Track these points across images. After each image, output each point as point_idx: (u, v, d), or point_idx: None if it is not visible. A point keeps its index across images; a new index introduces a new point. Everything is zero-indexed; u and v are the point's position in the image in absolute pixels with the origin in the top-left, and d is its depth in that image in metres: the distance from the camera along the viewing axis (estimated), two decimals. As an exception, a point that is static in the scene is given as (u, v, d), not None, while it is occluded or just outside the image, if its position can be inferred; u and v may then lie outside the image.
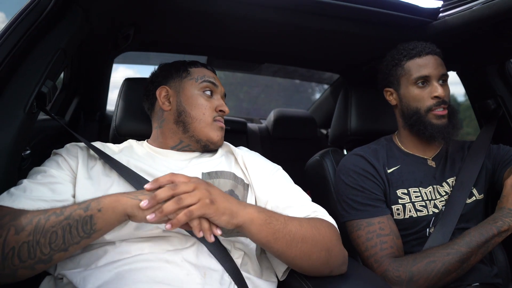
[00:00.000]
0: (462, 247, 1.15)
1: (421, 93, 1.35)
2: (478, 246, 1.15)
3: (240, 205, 0.87)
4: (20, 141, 1.05)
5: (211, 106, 1.18)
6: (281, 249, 0.90)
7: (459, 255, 1.14)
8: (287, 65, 2.60)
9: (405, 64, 1.38)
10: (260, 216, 0.87)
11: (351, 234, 1.30)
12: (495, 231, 1.16)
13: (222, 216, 0.82)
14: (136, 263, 0.85)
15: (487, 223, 1.19)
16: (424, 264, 1.15)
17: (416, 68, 1.35)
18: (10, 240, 0.77)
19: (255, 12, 1.48)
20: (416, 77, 1.35)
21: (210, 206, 0.80)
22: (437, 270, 1.14)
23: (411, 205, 1.31)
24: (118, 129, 1.44)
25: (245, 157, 1.15)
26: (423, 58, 1.35)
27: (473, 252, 1.15)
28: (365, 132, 1.69)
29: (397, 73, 1.40)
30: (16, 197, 0.87)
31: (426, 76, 1.34)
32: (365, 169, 1.35)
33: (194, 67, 1.25)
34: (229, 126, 2.55)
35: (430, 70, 1.33)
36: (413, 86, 1.36)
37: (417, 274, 1.15)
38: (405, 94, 1.39)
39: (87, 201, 0.82)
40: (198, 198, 0.80)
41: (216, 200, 0.82)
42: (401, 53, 1.40)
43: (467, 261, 1.15)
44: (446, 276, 1.15)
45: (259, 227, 0.86)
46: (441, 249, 1.17)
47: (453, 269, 1.14)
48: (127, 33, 1.77)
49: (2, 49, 0.99)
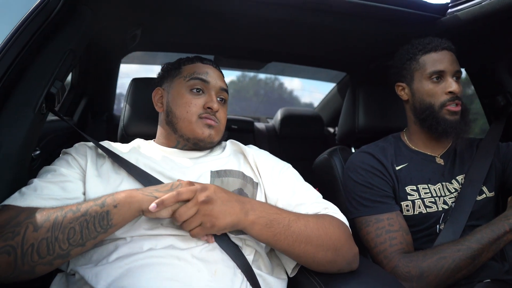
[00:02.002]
0: (473, 243, 1.14)
1: (435, 88, 1.33)
2: (490, 243, 1.14)
3: (242, 212, 0.89)
4: (30, 142, 1.06)
5: (198, 103, 1.13)
6: (284, 248, 0.94)
7: (470, 251, 1.13)
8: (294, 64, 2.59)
9: (420, 58, 1.36)
10: (261, 221, 0.91)
11: (360, 231, 1.30)
12: (507, 228, 1.15)
13: (224, 230, 0.90)
14: (147, 259, 0.86)
15: (499, 220, 1.18)
16: (434, 260, 1.14)
17: (431, 63, 1.33)
18: (29, 237, 0.79)
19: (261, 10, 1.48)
20: (431, 72, 1.33)
21: (211, 229, 0.87)
22: (448, 267, 1.13)
23: (420, 201, 1.31)
24: (126, 128, 1.45)
25: (255, 155, 1.15)
26: (439, 53, 1.33)
27: (484, 248, 1.14)
28: (373, 130, 1.69)
29: (411, 67, 1.38)
30: (27, 196, 0.88)
31: (441, 71, 1.32)
32: (373, 166, 1.35)
33: (188, 64, 1.22)
34: (236, 125, 2.57)
35: (445, 65, 1.32)
36: (427, 80, 1.34)
37: (427, 270, 1.14)
38: (418, 88, 1.37)
39: (101, 198, 0.85)
40: (200, 222, 0.86)
41: (217, 219, 0.86)
42: (416, 47, 1.37)
43: (478, 258, 1.14)
44: (457, 273, 1.14)
45: (260, 230, 0.91)
46: (451, 246, 1.16)
47: (464, 265, 1.13)
48: (135, 33, 1.78)
49: (11, 51, 1.00)
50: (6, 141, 0.97)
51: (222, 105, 1.19)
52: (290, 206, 1.05)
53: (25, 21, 1.04)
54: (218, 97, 1.18)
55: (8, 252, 0.77)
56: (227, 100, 1.23)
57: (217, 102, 1.15)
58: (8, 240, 0.78)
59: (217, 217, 0.86)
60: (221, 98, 1.20)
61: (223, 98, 1.21)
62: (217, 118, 1.15)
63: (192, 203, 0.85)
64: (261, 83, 4.85)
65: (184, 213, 0.85)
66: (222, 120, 1.18)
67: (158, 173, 1.03)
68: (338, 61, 2.44)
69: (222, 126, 1.19)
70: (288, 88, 4.77)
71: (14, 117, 1.00)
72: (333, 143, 2.68)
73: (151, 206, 0.82)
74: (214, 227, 0.86)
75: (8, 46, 1.00)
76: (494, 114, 1.71)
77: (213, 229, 0.87)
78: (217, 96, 1.18)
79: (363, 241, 1.29)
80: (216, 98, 1.16)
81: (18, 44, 1.02)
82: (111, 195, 0.85)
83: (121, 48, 1.98)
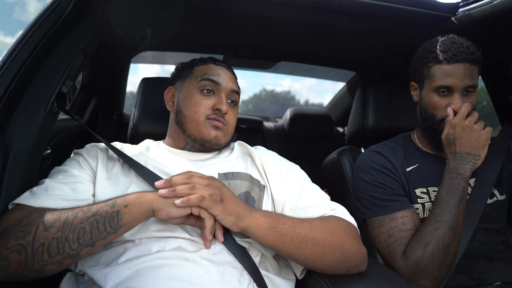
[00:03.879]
0: (445, 215, 1.15)
1: (440, 101, 1.27)
2: (457, 206, 1.15)
3: (247, 209, 0.90)
4: (42, 141, 1.07)
5: (207, 104, 1.13)
6: (290, 252, 0.92)
7: (446, 224, 1.14)
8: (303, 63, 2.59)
9: (432, 67, 1.27)
10: (266, 221, 0.90)
11: (372, 232, 1.28)
12: (463, 184, 1.16)
13: (229, 216, 0.87)
14: (156, 260, 0.86)
15: (449, 178, 1.20)
16: (422, 249, 1.14)
17: (440, 76, 1.25)
18: (39, 236, 0.79)
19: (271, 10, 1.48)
20: (438, 85, 1.26)
21: (219, 204, 0.86)
22: (436, 249, 1.12)
23: (431, 204, 1.28)
24: (136, 128, 1.45)
25: (263, 157, 1.14)
26: (451, 65, 1.23)
27: (456, 213, 1.15)
28: (382, 130, 1.67)
29: (423, 73, 1.32)
30: (38, 196, 0.89)
31: (448, 86, 1.24)
32: (383, 165, 1.33)
33: (200, 64, 1.22)
34: (245, 125, 2.57)
35: (454, 81, 1.23)
36: (434, 92, 1.28)
37: (421, 261, 1.13)
38: (425, 96, 1.32)
39: (112, 199, 0.86)
40: (210, 193, 0.85)
41: (226, 199, 0.87)
42: (432, 52, 1.28)
43: (457, 224, 1.15)
44: (449, 249, 1.13)
45: (265, 231, 0.89)
46: (428, 227, 1.16)
47: (450, 239, 1.13)
48: (144, 33, 1.78)
49: (24, 50, 1.01)
50: (18, 140, 0.98)
51: (232, 107, 1.19)
52: (297, 209, 1.05)
53: (37, 21, 1.05)
54: (228, 99, 1.18)
55: (18, 251, 0.78)
56: (238, 102, 1.23)
57: (227, 104, 1.15)
58: (19, 239, 0.79)
59: (226, 196, 0.88)
60: (232, 100, 1.19)
61: (233, 100, 1.20)
62: (226, 120, 1.15)
63: (205, 176, 0.90)
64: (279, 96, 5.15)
65: (198, 180, 0.87)
66: (231, 123, 1.18)
67: (167, 175, 1.03)
68: (348, 61, 2.43)
69: (231, 129, 1.18)
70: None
71: (26, 116, 1.01)
72: (342, 143, 2.67)
73: (160, 190, 0.85)
74: (222, 202, 0.86)
75: (20, 46, 1.02)
76: (506, 114, 1.69)
77: (220, 204, 0.86)
78: (228, 98, 1.17)
79: (375, 242, 1.28)
80: (226, 100, 1.16)
81: (30, 44, 1.03)
82: (122, 196, 0.86)
83: (131, 47, 1.99)
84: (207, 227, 0.87)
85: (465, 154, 1.20)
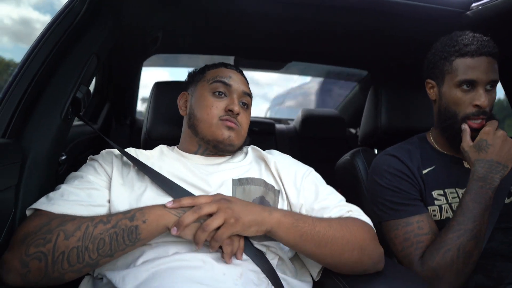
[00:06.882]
0: (469, 224, 1.11)
1: (463, 97, 1.23)
2: (482, 215, 1.11)
3: (265, 211, 0.90)
4: (57, 147, 1.08)
5: (219, 106, 1.14)
6: (311, 250, 0.92)
7: (469, 233, 1.10)
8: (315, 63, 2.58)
9: (454, 61, 1.23)
10: (287, 220, 0.90)
11: (388, 234, 1.27)
12: (491, 194, 1.13)
13: (250, 228, 0.88)
14: (173, 262, 0.87)
15: (476, 186, 1.15)
16: (441, 256, 1.11)
17: (464, 69, 1.21)
18: (60, 245, 0.80)
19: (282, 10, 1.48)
20: (461, 80, 1.21)
21: (236, 225, 0.86)
22: (456, 257, 1.10)
23: (448, 206, 1.26)
24: (149, 133, 1.46)
25: (277, 162, 1.14)
26: (475, 59, 1.20)
27: (481, 222, 1.11)
28: (396, 131, 1.65)
29: (444, 67, 1.27)
30: (54, 201, 0.90)
31: (473, 80, 1.20)
32: (399, 169, 1.30)
33: (212, 68, 1.24)
34: (257, 128, 2.56)
35: (478, 75, 1.19)
36: (456, 87, 1.24)
37: (439, 268, 1.11)
38: (446, 93, 1.28)
39: (131, 211, 0.86)
40: (223, 219, 0.85)
41: (240, 216, 0.87)
42: (453, 46, 1.24)
43: (479, 234, 1.11)
44: (469, 258, 1.10)
45: (286, 230, 0.90)
46: (450, 234, 1.12)
47: (471, 248, 1.10)
48: (156, 36, 1.79)
49: (38, 56, 1.03)
50: (34, 147, 0.99)
51: (244, 110, 1.19)
52: (313, 211, 1.05)
53: (51, 26, 1.07)
54: (240, 101, 1.18)
55: (39, 258, 0.79)
56: (250, 105, 1.23)
57: (239, 106, 1.15)
58: (39, 247, 0.79)
59: (239, 213, 0.87)
60: (244, 103, 1.19)
61: (245, 102, 1.20)
62: (238, 121, 1.15)
63: (211, 200, 0.88)
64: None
65: (206, 207, 0.86)
66: (244, 125, 1.17)
67: (181, 180, 1.03)
68: (359, 60, 2.41)
69: (244, 131, 1.18)
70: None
71: (42, 122, 1.02)
72: (355, 144, 2.65)
73: (172, 230, 0.85)
74: (238, 222, 0.86)
75: (35, 52, 1.03)
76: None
77: (237, 225, 0.86)
78: (240, 100, 1.18)
79: (390, 245, 1.26)
80: (238, 102, 1.16)
81: (45, 50, 1.04)
82: (141, 209, 0.87)
83: (142, 51, 2.00)
84: (227, 253, 0.89)
85: (496, 163, 1.16)
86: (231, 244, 0.89)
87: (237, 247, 0.91)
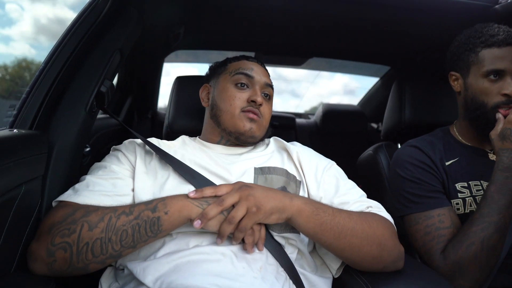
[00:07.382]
0: (493, 216, 1.08)
1: (490, 87, 1.21)
2: (507, 207, 1.08)
3: (286, 198, 0.90)
4: (82, 139, 1.10)
5: (242, 97, 1.15)
6: (329, 241, 0.91)
7: (493, 226, 1.07)
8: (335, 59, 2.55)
9: (481, 51, 1.23)
10: (307, 208, 0.90)
11: (408, 229, 1.25)
12: None
13: (271, 216, 0.88)
14: (194, 255, 0.87)
15: (501, 177, 1.12)
16: (464, 250, 1.09)
17: (491, 59, 1.20)
18: (84, 236, 0.82)
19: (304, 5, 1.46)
20: (489, 70, 1.20)
21: (258, 213, 0.86)
22: (480, 251, 1.07)
23: (472, 199, 1.23)
24: (171, 126, 1.48)
25: (299, 153, 1.14)
26: (502, 49, 1.19)
27: (505, 215, 1.08)
28: (420, 125, 1.62)
29: (469, 59, 1.27)
30: (80, 192, 0.92)
31: (501, 70, 1.19)
32: (422, 160, 1.28)
33: (234, 61, 1.25)
34: (277, 122, 2.56)
35: (506, 64, 1.18)
36: (483, 78, 1.22)
37: (463, 262, 1.08)
38: (472, 84, 1.26)
39: (153, 202, 0.87)
40: (246, 209, 0.85)
41: (262, 204, 0.86)
42: (478, 37, 1.24)
43: (504, 226, 1.08)
44: (493, 251, 1.07)
45: (307, 218, 0.89)
46: (474, 228, 1.10)
47: (495, 241, 1.07)
48: (178, 32, 1.81)
49: (64, 51, 1.05)
50: (60, 139, 1.02)
51: (266, 101, 1.20)
52: (332, 205, 1.03)
53: (76, 22, 1.09)
54: (262, 92, 1.19)
55: (64, 248, 0.81)
56: (272, 96, 1.24)
57: (261, 96, 1.16)
58: (64, 237, 0.81)
59: (261, 200, 0.87)
60: (266, 94, 1.21)
61: (267, 93, 1.21)
62: (261, 112, 1.15)
63: (232, 189, 0.88)
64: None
65: (228, 199, 0.86)
66: (266, 116, 1.18)
67: (203, 169, 1.04)
68: (382, 55, 2.37)
69: (266, 122, 1.19)
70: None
71: (67, 115, 1.04)
72: (377, 139, 2.62)
73: (194, 223, 0.84)
74: (260, 210, 0.85)
75: (60, 48, 1.05)
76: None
77: (259, 213, 0.86)
78: (262, 91, 1.18)
79: (411, 240, 1.24)
80: (261, 93, 1.17)
81: (70, 46, 1.06)
82: (163, 199, 0.87)
83: (164, 47, 2.02)
84: (249, 243, 0.89)
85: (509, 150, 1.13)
86: (252, 234, 0.89)
87: (258, 237, 0.90)
